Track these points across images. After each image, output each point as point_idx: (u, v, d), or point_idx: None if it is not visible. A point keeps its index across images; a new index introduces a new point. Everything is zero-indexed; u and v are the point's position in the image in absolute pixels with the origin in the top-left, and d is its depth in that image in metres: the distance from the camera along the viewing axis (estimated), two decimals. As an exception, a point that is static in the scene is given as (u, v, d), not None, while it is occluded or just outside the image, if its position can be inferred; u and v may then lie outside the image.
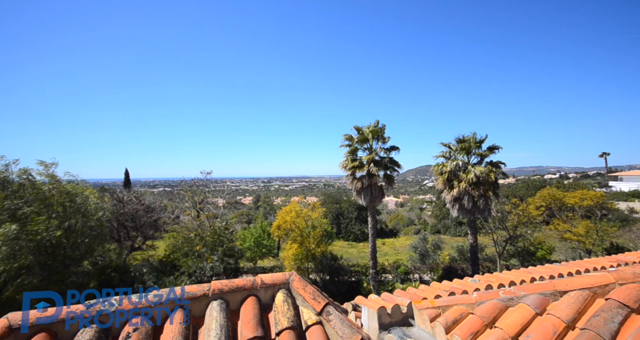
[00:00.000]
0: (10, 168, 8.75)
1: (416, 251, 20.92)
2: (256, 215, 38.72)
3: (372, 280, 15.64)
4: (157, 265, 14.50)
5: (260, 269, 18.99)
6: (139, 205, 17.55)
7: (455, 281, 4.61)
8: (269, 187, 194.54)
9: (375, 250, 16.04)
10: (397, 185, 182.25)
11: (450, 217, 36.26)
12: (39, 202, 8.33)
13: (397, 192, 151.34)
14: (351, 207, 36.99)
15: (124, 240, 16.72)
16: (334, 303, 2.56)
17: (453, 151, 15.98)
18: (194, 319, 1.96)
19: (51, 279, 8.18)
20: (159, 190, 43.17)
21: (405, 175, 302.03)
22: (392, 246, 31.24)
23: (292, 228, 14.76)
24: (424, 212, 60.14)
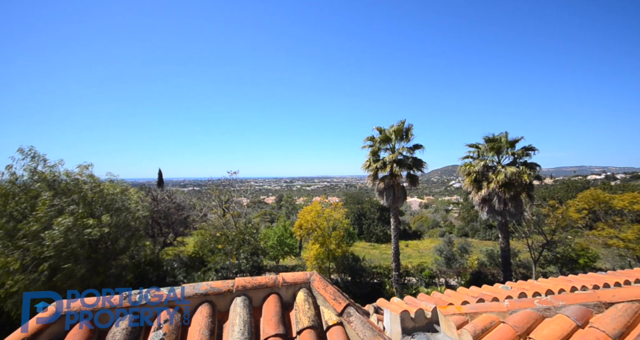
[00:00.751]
0: (57, 169, 9.67)
1: (442, 254, 20.13)
2: (279, 214, 39.46)
3: (394, 282, 15.29)
4: (186, 261, 15.26)
5: (282, 267, 19.32)
6: (171, 204, 18.60)
7: (484, 287, 4.37)
8: (291, 187, 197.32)
9: (398, 252, 15.66)
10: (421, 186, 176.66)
11: (479, 219, 34.47)
12: (82, 200, 9.11)
13: (421, 192, 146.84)
14: (373, 208, 36.45)
15: (157, 236, 17.80)
16: (355, 304, 2.53)
17: (481, 151, 15.18)
18: (219, 314, 2.03)
19: (95, 270, 8.90)
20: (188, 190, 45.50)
21: (430, 176, 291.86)
22: (416, 248, 30.32)
23: (314, 228, 14.83)
24: (450, 213, 57.73)
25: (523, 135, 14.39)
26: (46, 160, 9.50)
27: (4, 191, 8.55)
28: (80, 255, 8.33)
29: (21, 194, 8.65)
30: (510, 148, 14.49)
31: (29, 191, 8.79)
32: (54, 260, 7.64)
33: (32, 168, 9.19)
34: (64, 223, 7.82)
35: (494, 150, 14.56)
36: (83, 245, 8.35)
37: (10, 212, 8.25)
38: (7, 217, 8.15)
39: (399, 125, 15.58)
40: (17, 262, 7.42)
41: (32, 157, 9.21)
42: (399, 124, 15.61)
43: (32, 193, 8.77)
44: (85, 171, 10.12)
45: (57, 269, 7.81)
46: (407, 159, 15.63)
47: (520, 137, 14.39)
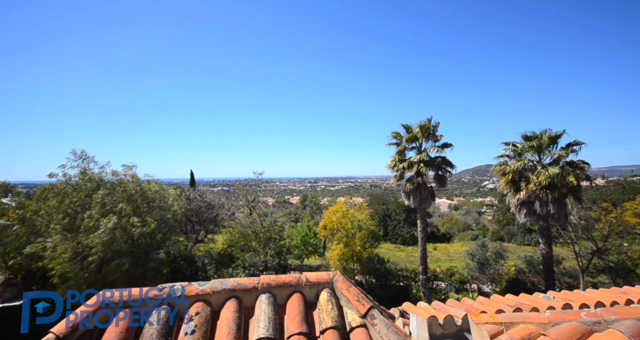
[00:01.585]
0: (105, 170, 10.63)
1: (473, 259, 19.03)
2: (303, 214, 39.89)
3: (422, 286, 14.75)
4: (216, 257, 15.97)
5: (306, 266, 19.50)
6: (202, 203, 19.60)
7: (522, 296, 4.06)
8: (316, 187, 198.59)
9: (426, 255, 15.08)
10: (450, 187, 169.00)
11: (517, 223, 32.11)
12: (127, 199, 9.93)
13: (450, 193, 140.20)
14: (399, 209, 35.48)
15: (190, 233, 18.84)
16: (380, 307, 2.48)
17: (519, 149, 14.09)
18: (245, 309, 2.10)
19: (137, 263, 9.65)
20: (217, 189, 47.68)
21: (461, 176, 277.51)
22: (445, 252, 29.00)
23: (338, 228, 14.78)
24: (483, 216, 54.44)
25: (565, 129, 13.12)
26: (96, 162, 10.50)
27: (60, 191, 9.58)
28: (124, 250, 9.08)
29: (74, 193, 9.63)
30: (553, 145, 13.28)
31: (80, 190, 9.76)
32: (102, 254, 8.40)
33: (83, 169, 10.20)
34: (110, 222, 8.55)
35: (533, 148, 13.45)
36: (126, 242, 9.08)
37: (65, 210, 9.22)
38: (63, 214, 9.12)
39: (426, 122, 15.02)
40: (69, 252, 8.27)
41: (83, 159, 10.22)
42: (425, 122, 15.04)
43: (83, 192, 9.73)
44: (128, 171, 11.04)
45: (105, 262, 8.58)
46: (435, 159, 15.01)
47: (562, 131, 13.09)
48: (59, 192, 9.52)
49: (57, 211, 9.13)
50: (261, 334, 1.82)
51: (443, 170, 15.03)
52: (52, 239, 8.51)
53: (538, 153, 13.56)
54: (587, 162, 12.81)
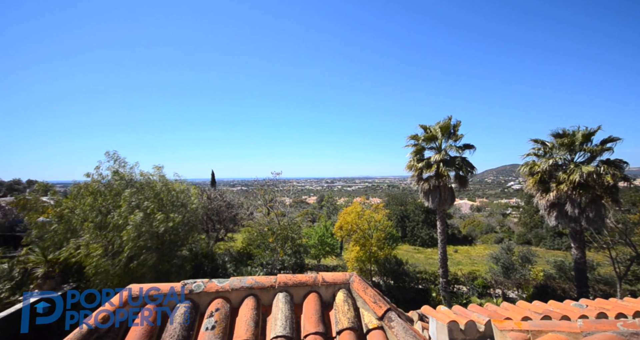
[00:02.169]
0: (134, 170, 11.29)
1: (498, 263, 18.20)
2: (320, 214, 39.99)
3: (442, 290, 14.31)
4: (235, 255, 16.40)
5: (323, 266, 19.53)
6: (222, 202, 20.19)
7: (551, 303, 3.84)
8: (332, 188, 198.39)
9: (446, 258, 14.61)
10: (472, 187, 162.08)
11: (546, 226, 30.39)
12: (154, 198, 10.46)
13: (472, 194, 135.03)
14: (417, 210, 34.65)
15: (210, 231, 19.47)
16: (397, 309, 2.44)
17: (549, 148, 13.29)
18: (263, 307, 2.15)
19: (163, 259, 10.13)
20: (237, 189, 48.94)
21: (484, 176, 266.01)
22: (467, 255, 27.94)
23: (354, 229, 14.68)
24: (508, 218, 51.89)
25: (600, 125, 12.23)
26: (126, 163, 11.19)
27: (93, 189, 10.27)
28: (151, 246, 9.56)
29: (106, 191, 10.28)
30: (586, 143, 12.41)
31: (112, 189, 10.40)
32: (131, 251, 8.89)
33: (115, 169, 10.90)
34: (137, 219, 9.06)
35: (565, 146, 12.63)
36: (152, 237, 9.55)
37: (98, 208, 9.84)
38: (96, 212, 9.74)
39: (445, 121, 14.55)
40: (101, 249, 8.83)
41: (115, 160, 10.94)
42: (445, 121, 14.58)
43: (114, 191, 10.37)
44: (156, 172, 11.71)
45: (133, 257, 9.06)
46: (455, 159, 14.50)
47: (597, 128, 12.21)
48: (93, 191, 10.21)
49: (91, 209, 9.78)
50: (278, 332, 1.86)
51: (464, 170, 14.50)
52: (85, 236, 9.14)
53: (570, 151, 12.72)
54: (625, 161, 11.86)
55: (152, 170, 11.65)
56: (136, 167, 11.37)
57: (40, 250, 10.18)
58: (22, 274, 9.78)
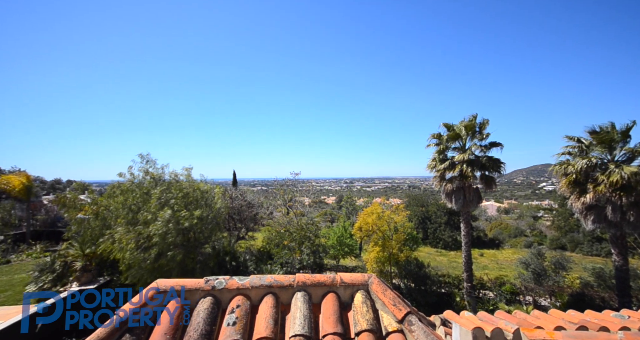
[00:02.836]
0: (164, 170, 11.96)
1: (528, 268, 17.16)
2: (339, 214, 39.86)
3: (466, 295, 13.73)
4: (256, 254, 16.76)
5: (342, 267, 19.44)
6: (243, 202, 20.72)
7: (588, 313, 3.56)
8: (352, 188, 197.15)
9: (471, 262, 14.01)
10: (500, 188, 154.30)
11: (582, 230, 28.23)
12: (181, 196, 10.99)
13: (499, 195, 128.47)
14: (440, 211, 33.50)
15: (232, 230, 20.05)
16: (418, 313, 2.38)
17: (584, 146, 12.34)
18: (282, 306, 2.18)
19: (188, 256, 10.59)
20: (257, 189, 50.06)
21: (512, 177, 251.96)
22: (493, 259, 26.61)
23: (374, 230, 14.48)
24: (539, 221, 48.77)
25: (635, 120, 11.17)
26: (155, 163, 11.90)
27: (126, 188, 10.97)
28: (178, 242, 10.03)
29: (137, 190, 10.94)
30: (624, 140, 11.38)
31: (142, 188, 11.06)
32: (159, 246, 9.38)
33: (145, 169, 11.60)
34: (165, 215, 9.55)
35: (603, 144, 11.67)
36: (179, 234, 10.01)
37: (130, 205, 10.49)
38: (127, 209, 10.39)
39: (470, 120, 13.96)
40: (132, 243, 9.39)
41: (146, 161, 11.68)
42: (470, 119, 13.99)
43: (144, 189, 11.01)
44: (185, 172, 12.38)
45: (161, 253, 9.56)
46: (480, 158, 13.86)
47: (633, 122, 11.17)
48: (125, 190, 10.90)
49: (123, 207, 10.44)
50: (297, 331, 1.87)
51: (490, 170, 13.82)
52: (118, 231, 9.77)
53: (609, 150, 11.73)
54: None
55: (181, 171, 12.28)
56: (166, 167, 12.04)
57: (78, 245, 11.02)
58: (62, 266, 10.63)
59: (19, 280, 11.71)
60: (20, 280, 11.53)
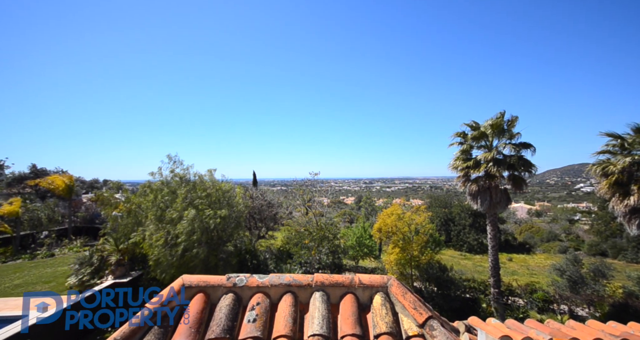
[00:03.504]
0: (189, 170, 12.53)
1: (563, 275, 16.00)
2: (358, 215, 39.51)
3: (493, 301, 13.06)
4: (276, 253, 17.04)
5: (361, 268, 19.24)
6: (263, 201, 21.16)
7: (632, 325, 3.26)
8: (371, 188, 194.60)
9: (498, 266, 13.31)
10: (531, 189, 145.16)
11: (626, 235, 25.88)
12: (205, 196, 11.45)
13: (530, 197, 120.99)
14: (464, 213, 32.14)
15: (253, 229, 20.54)
16: (441, 318, 2.31)
17: (627, 144, 11.29)
18: (300, 305, 2.20)
19: (211, 253, 11.01)
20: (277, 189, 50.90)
21: (545, 177, 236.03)
22: (523, 264, 25.10)
23: (394, 231, 14.18)
24: (576, 225, 45.32)
25: None
26: (182, 164, 12.50)
27: (156, 187, 11.61)
28: (202, 240, 10.46)
29: (165, 189, 11.53)
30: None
31: (170, 187, 11.65)
32: (185, 244, 9.83)
33: (172, 169, 12.23)
34: (191, 215, 9.99)
35: (649, 141, 10.64)
36: (203, 233, 10.43)
37: (158, 203, 11.08)
38: (156, 207, 10.98)
39: (497, 118, 13.25)
40: (161, 240, 9.91)
41: (174, 161, 12.32)
42: (497, 117, 13.29)
43: (171, 188, 11.59)
44: (209, 173, 12.91)
45: (187, 250, 10.01)
46: (509, 158, 13.12)
47: None
48: (155, 189, 11.54)
49: (152, 205, 11.05)
50: (315, 330, 1.89)
51: (520, 170, 13.04)
52: (148, 229, 10.35)
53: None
54: None
55: (205, 171, 12.80)
56: (191, 167, 12.61)
57: (113, 241, 11.80)
58: (99, 260, 11.44)
59: (61, 272, 12.76)
60: (62, 273, 12.56)
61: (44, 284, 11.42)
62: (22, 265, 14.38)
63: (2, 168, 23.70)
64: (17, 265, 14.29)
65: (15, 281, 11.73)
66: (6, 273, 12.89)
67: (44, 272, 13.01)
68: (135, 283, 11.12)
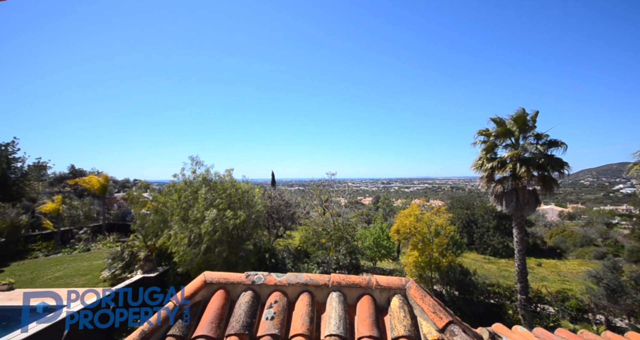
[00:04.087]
0: (210, 171, 12.98)
1: (599, 283, 14.88)
2: (375, 215, 39.02)
3: (520, 308, 12.41)
4: (293, 252, 17.24)
5: (379, 269, 18.99)
6: (281, 201, 21.46)
7: (679, 341, 2.98)
8: (389, 189, 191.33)
9: (526, 271, 12.63)
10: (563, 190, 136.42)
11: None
12: (225, 196, 11.82)
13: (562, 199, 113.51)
14: (487, 215, 30.76)
15: (271, 228, 20.90)
16: (463, 323, 2.25)
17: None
18: (317, 304, 2.23)
19: (232, 252, 11.35)
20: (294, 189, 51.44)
21: (578, 177, 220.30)
22: (554, 269, 23.61)
23: (413, 232, 13.86)
24: (614, 229, 41.92)
25: None
26: (202, 165, 13.00)
27: (180, 187, 12.15)
28: (223, 239, 10.81)
29: (188, 189, 12.04)
30: None
31: (192, 187, 12.14)
32: (207, 243, 10.21)
33: (194, 170, 12.74)
34: (212, 215, 10.35)
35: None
36: (224, 232, 10.77)
37: (182, 203, 11.58)
38: (180, 207, 11.48)
39: (520, 112, 12.57)
40: (185, 239, 10.35)
41: (195, 162, 12.83)
42: (519, 111, 12.61)
43: (193, 188, 12.07)
44: (227, 174, 13.31)
45: (209, 249, 10.39)
46: (536, 156, 12.40)
47: None
48: (179, 189, 12.08)
49: (177, 205, 11.57)
50: (332, 331, 1.90)
51: (549, 170, 12.29)
52: (173, 228, 10.85)
53: None
54: None
55: (223, 172, 13.21)
56: (211, 168, 13.07)
57: (141, 237, 12.47)
58: (130, 255, 12.14)
59: (96, 266, 13.68)
60: (97, 266, 13.46)
61: (81, 277, 12.29)
62: (62, 258, 15.58)
63: (45, 169, 25.80)
64: (57, 259, 15.51)
65: (56, 273, 12.73)
66: (48, 265, 14.01)
67: (81, 266, 14.01)
68: (162, 278, 11.69)
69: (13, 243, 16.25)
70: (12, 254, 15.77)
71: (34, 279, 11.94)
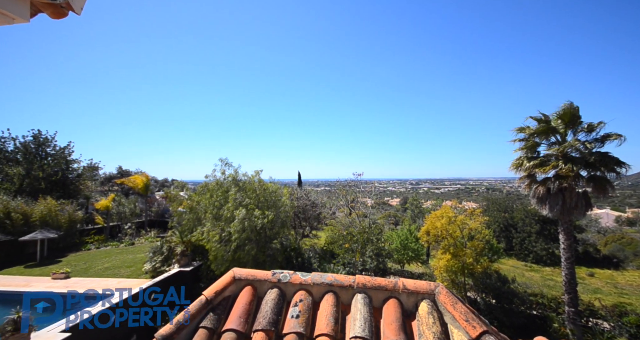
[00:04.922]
0: (239, 171, 13.52)
1: (667, 298, 13.03)
2: (403, 217, 37.85)
3: (568, 321, 11.27)
4: (319, 252, 17.31)
5: (407, 273, 18.39)
6: (307, 201, 21.69)
7: None
8: (417, 189, 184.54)
9: (575, 282, 11.44)
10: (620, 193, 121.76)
11: None
12: (254, 197, 12.25)
13: (620, 202, 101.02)
14: (529, 219, 28.35)
15: (297, 228, 21.20)
16: (499, 334, 2.10)
17: None
18: (342, 305, 2.21)
19: (260, 250, 11.72)
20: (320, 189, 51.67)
21: (639, 178, 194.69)
22: (610, 281, 21.10)
23: (444, 235, 13.21)
24: (687, 237, 36.34)
25: None
26: (232, 166, 13.59)
27: (212, 187, 12.82)
28: (252, 238, 11.20)
29: (219, 189, 12.65)
30: None
31: (223, 187, 12.74)
32: (237, 241, 10.65)
33: (224, 171, 13.36)
34: (241, 214, 10.77)
35: None
36: (252, 231, 11.16)
37: (214, 202, 12.20)
38: (212, 206, 12.10)
39: (566, 107, 11.37)
40: (217, 237, 10.88)
41: (225, 163, 13.46)
42: (564, 107, 11.44)
43: (224, 189, 12.66)
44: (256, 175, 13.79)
45: (239, 247, 10.82)
46: (585, 154, 11.16)
47: None
48: (211, 189, 12.75)
49: (209, 204, 12.21)
50: (357, 333, 1.88)
51: (602, 170, 11.01)
52: (206, 226, 11.47)
53: None
54: None
55: (252, 172, 13.69)
56: (239, 169, 13.60)
57: (178, 233, 13.32)
58: (168, 250, 13.03)
59: (139, 259, 14.90)
60: (140, 259, 14.66)
61: (127, 268, 13.46)
62: (110, 251, 17.20)
63: (97, 169, 28.67)
64: (107, 251, 17.15)
65: (105, 264, 14.09)
66: (99, 257, 15.55)
67: (126, 258, 15.36)
68: (196, 272, 12.39)
69: (70, 236, 18.26)
70: (69, 246, 17.76)
71: (86, 269, 13.32)
